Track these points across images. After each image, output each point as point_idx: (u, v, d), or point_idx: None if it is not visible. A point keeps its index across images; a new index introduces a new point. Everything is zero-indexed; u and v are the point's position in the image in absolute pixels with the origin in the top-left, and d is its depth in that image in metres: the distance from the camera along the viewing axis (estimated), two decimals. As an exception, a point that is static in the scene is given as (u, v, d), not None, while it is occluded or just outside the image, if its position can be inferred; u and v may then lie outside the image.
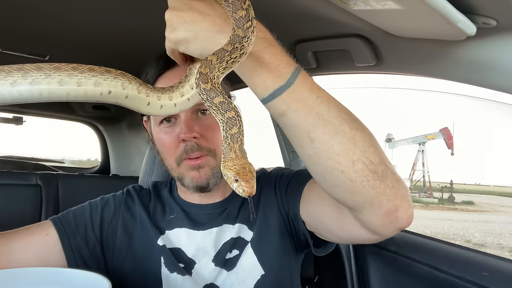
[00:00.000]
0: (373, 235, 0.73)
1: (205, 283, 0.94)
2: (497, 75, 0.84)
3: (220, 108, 0.56)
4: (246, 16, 0.55)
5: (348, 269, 1.50)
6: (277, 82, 0.61)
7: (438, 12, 0.68)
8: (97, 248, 0.96)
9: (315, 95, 0.62)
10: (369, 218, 0.69)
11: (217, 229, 0.98)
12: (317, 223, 0.91)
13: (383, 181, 0.63)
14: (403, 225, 0.68)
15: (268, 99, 0.62)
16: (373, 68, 1.12)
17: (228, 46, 0.55)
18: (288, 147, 1.77)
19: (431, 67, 0.98)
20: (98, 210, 1.00)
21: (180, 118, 0.94)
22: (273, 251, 0.96)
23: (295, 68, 0.62)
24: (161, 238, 0.97)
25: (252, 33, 0.56)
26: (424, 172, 28.29)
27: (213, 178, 0.95)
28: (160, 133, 0.98)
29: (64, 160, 3.39)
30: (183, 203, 1.03)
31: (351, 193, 0.65)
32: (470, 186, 38.85)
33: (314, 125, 0.61)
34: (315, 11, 0.90)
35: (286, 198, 0.98)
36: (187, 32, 0.60)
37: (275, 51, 0.62)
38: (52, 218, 0.96)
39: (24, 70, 0.53)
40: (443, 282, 1.18)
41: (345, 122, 0.62)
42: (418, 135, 28.54)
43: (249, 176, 0.54)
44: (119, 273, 0.96)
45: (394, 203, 0.65)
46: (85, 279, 0.72)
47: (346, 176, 0.62)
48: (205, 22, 0.59)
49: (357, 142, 0.62)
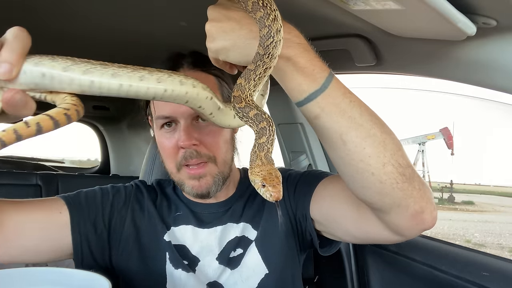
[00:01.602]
0: (396, 236, 0.75)
1: (209, 281, 0.94)
2: (497, 75, 0.84)
3: (255, 120, 0.60)
4: (268, 33, 0.58)
5: (348, 269, 1.50)
6: (312, 86, 0.64)
7: (438, 12, 0.68)
8: (104, 235, 0.95)
9: (348, 99, 0.65)
10: (396, 220, 0.71)
11: (222, 227, 0.98)
12: (330, 223, 0.92)
13: (410, 184, 0.66)
14: (428, 226, 0.70)
15: (304, 103, 0.65)
16: (373, 68, 1.12)
17: (251, 65, 0.61)
18: (288, 147, 1.77)
19: (431, 67, 0.98)
20: (109, 196, 0.99)
21: (180, 124, 0.93)
22: (277, 250, 0.97)
23: (329, 73, 0.65)
24: (168, 234, 0.97)
25: (274, 48, 0.59)
26: (424, 172, 28.28)
27: (214, 186, 0.96)
28: (161, 137, 0.98)
29: (64, 160, 3.39)
30: (188, 201, 1.03)
31: (380, 194, 0.67)
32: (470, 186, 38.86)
33: (347, 127, 0.64)
34: (315, 11, 0.90)
35: (294, 199, 0.98)
36: (226, 41, 0.63)
37: (310, 56, 0.65)
38: (64, 197, 0.93)
39: (115, 66, 0.54)
40: (443, 282, 1.18)
41: (375, 126, 0.65)
42: (418, 135, 28.53)
43: (276, 181, 0.56)
44: (125, 265, 0.95)
45: (420, 205, 0.67)
46: (85, 279, 0.72)
47: (377, 178, 0.65)
48: (242, 31, 0.62)
49: (387, 145, 0.64)
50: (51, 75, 0.50)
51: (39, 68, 0.50)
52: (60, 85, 0.51)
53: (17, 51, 0.48)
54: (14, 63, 0.48)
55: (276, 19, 0.58)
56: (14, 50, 0.48)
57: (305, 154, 1.72)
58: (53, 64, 0.50)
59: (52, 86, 0.52)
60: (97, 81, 0.52)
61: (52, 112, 0.49)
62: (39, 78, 0.50)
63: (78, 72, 0.51)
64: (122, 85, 0.53)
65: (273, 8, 0.59)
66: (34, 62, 0.50)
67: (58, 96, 0.53)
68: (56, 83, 0.51)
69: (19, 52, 0.48)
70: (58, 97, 0.53)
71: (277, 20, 0.59)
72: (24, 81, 0.50)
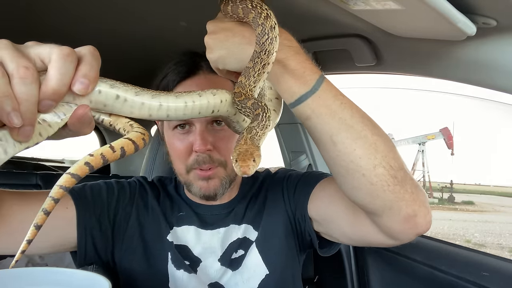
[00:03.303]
0: (390, 240, 0.75)
1: (210, 282, 0.94)
2: (497, 75, 0.84)
3: (252, 108, 0.62)
4: (262, 31, 0.60)
5: (348, 269, 1.50)
6: (303, 88, 0.64)
7: (438, 12, 0.68)
8: (108, 232, 0.95)
9: (339, 101, 0.65)
10: (389, 223, 0.70)
11: (225, 229, 0.98)
12: (328, 223, 0.92)
13: (402, 186, 0.65)
14: (422, 230, 0.69)
15: (295, 104, 0.66)
16: (373, 68, 1.13)
17: (250, 63, 0.62)
18: (288, 147, 1.77)
19: (431, 67, 0.98)
20: (114, 192, 0.98)
21: (195, 127, 0.93)
22: (277, 251, 0.97)
23: (320, 75, 0.65)
24: (171, 234, 0.97)
25: (270, 45, 0.61)
26: (424, 172, 28.29)
27: (221, 189, 0.96)
28: (173, 138, 0.97)
29: (64, 160, 3.38)
30: (190, 202, 1.03)
31: (371, 196, 0.67)
32: (470, 186, 38.84)
33: (337, 129, 0.64)
34: (315, 11, 0.90)
35: (294, 199, 0.98)
36: (222, 49, 0.66)
37: (301, 58, 0.66)
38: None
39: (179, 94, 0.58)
40: (443, 282, 1.18)
41: (367, 128, 0.65)
42: (418, 135, 28.55)
43: (248, 157, 0.56)
44: (128, 263, 0.95)
45: (413, 209, 0.67)
46: (85, 279, 0.72)
47: (367, 179, 0.65)
48: (235, 38, 0.65)
49: (378, 147, 0.65)
50: (124, 98, 0.52)
51: (114, 90, 0.51)
52: (130, 109, 0.53)
53: (95, 69, 0.48)
54: (92, 80, 0.48)
55: (269, 17, 0.60)
56: (93, 67, 0.48)
57: (305, 154, 1.72)
58: (126, 89, 0.53)
59: (120, 109, 0.53)
60: (165, 104, 0.55)
61: (132, 136, 0.51)
62: (112, 99, 0.52)
63: (147, 96, 0.54)
64: (187, 103, 0.57)
65: (264, 8, 0.60)
66: (109, 84, 0.51)
67: (120, 120, 0.55)
68: (126, 107, 0.53)
69: (97, 69, 0.49)
70: (119, 120, 0.55)
71: (270, 18, 0.60)
72: (95, 100, 0.51)
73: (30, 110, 0.44)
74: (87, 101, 0.50)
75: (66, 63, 0.45)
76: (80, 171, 0.47)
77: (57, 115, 0.48)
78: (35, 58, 0.46)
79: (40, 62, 0.46)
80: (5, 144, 0.45)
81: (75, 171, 0.47)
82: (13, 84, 0.43)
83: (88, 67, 0.48)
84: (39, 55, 0.46)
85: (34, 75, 0.44)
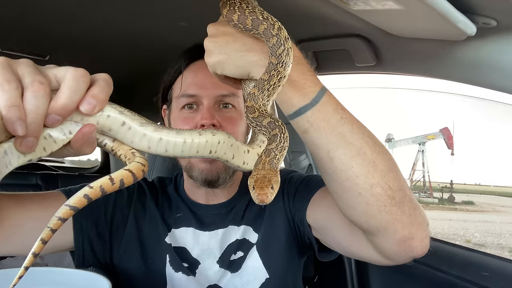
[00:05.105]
0: (385, 260, 0.73)
1: (209, 284, 0.94)
2: (497, 75, 0.84)
3: (268, 128, 0.59)
4: (278, 42, 0.58)
5: (348, 269, 1.50)
6: (303, 100, 0.62)
7: (438, 12, 0.68)
8: (106, 234, 0.94)
9: (339, 115, 0.63)
10: (383, 244, 0.69)
11: (223, 230, 0.97)
12: (325, 232, 0.91)
13: (400, 208, 0.63)
14: (417, 254, 0.67)
15: (293, 116, 0.64)
16: (373, 68, 1.12)
17: (265, 75, 0.59)
18: (288, 147, 1.77)
19: (431, 67, 0.98)
20: (112, 194, 0.97)
21: (203, 105, 0.93)
22: (278, 255, 0.96)
23: (321, 87, 0.63)
24: (169, 236, 0.97)
25: (286, 56, 0.58)
26: (424, 172, 28.31)
27: (224, 173, 0.94)
28: (179, 118, 0.97)
29: (64, 160, 3.38)
30: (189, 202, 1.02)
31: (367, 216, 0.65)
32: (470, 186, 38.84)
33: (335, 145, 0.62)
34: (315, 11, 0.90)
35: (294, 203, 0.97)
36: (221, 54, 0.63)
37: (303, 69, 0.64)
38: (66, 192, 0.90)
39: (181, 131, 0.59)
40: (443, 282, 1.18)
41: (367, 145, 0.63)
42: (418, 135, 28.60)
43: (266, 184, 0.55)
44: (126, 265, 0.95)
45: (409, 231, 0.65)
46: (85, 279, 0.72)
47: (363, 199, 0.62)
48: (236, 43, 0.62)
49: (377, 166, 0.62)
50: (129, 126, 0.54)
51: (122, 116, 0.53)
52: (132, 138, 0.55)
53: (105, 92, 0.50)
54: (100, 102, 0.50)
55: (282, 28, 0.59)
56: (104, 91, 0.50)
57: (305, 154, 1.72)
58: (133, 118, 0.54)
59: (123, 136, 0.55)
60: (165, 138, 0.56)
61: (132, 167, 0.51)
62: (118, 125, 0.53)
63: (150, 129, 0.55)
64: (186, 140, 0.57)
65: (275, 20, 0.59)
66: (118, 110, 0.53)
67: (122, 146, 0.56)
68: (129, 135, 0.54)
69: (107, 94, 0.51)
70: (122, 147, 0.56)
71: (283, 29, 0.59)
72: (102, 123, 0.52)
73: (36, 121, 0.45)
74: (94, 122, 0.51)
75: (79, 83, 0.48)
76: (79, 203, 0.48)
77: (63, 132, 0.50)
78: (52, 77, 0.48)
79: (55, 82, 0.48)
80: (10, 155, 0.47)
81: (74, 204, 0.48)
82: (25, 96, 0.45)
83: (99, 90, 0.49)
84: (56, 75, 0.48)
85: (47, 90, 0.46)
